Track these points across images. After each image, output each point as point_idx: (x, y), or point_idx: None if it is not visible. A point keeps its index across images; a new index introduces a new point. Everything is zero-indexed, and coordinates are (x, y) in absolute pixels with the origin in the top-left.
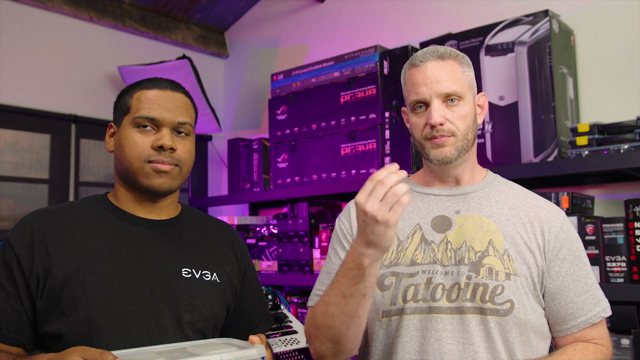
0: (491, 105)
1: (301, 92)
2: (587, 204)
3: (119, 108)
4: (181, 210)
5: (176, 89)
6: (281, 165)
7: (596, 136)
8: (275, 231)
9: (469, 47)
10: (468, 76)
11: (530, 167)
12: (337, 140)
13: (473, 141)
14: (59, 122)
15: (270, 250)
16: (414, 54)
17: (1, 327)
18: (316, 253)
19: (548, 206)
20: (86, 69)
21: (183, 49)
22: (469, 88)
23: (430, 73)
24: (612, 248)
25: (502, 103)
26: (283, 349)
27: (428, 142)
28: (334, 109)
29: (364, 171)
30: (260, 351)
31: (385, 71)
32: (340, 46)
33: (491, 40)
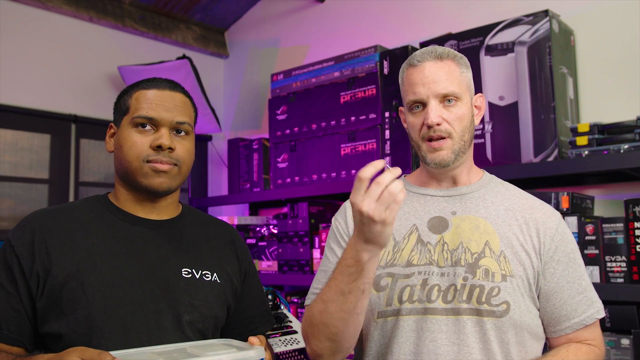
0: (491, 105)
1: (301, 92)
2: (587, 204)
3: (119, 108)
4: (182, 210)
5: (175, 89)
6: (281, 165)
7: (596, 136)
8: (275, 231)
9: (469, 47)
10: (466, 77)
11: (530, 167)
12: (337, 140)
13: (470, 142)
14: (59, 122)
15: (270, 250)
16: (412, 54)
17: (1, 327)
18: (316, 253)
19: (544, 207)
20: (86, 69)
21: (183, 49)
22: (467, 89)
23: (428, 73)
24: (612, 248)
25: (502, 103)
26: (283, 349)
27: (425, 144)
28: (334, 109)
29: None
30: (259, 352)
31: (385, 71)
32: (340, 46)
33: (491, 40)
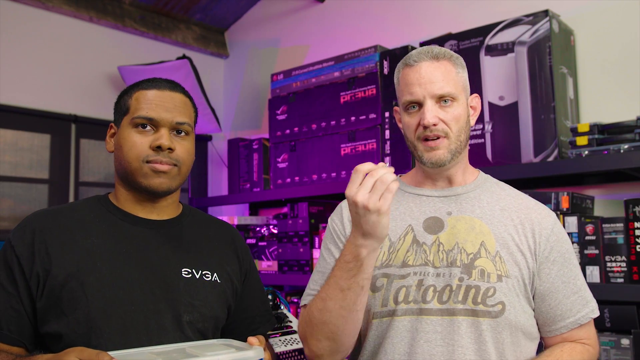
0: (491, 105)
1: (301, 92)
2: (587, 204)
3: (119, 109)
4: (182, 210)
5: (175, 89)
6: (281, 165)
7: (596, 136)
8: (275, 231)
9: (469, 47)
10: (462, 77)
11: (530, 167)
12: (337, 140)
13: (466, 143)
14: (59, 122)
15: (270, 250)
16: (408, 54)
17: (2, 327)
18: (316, 253)
19: (539, 208)
20: (86, 69)
21: (183, 49)
22: (463, 89)
23: (424, 73)
24: (612, 248)
25: (502, 103)
26: (283, 349)
27: (421, 144)
28: (334, 109)
29: None
30: (258, 352)
31: (385, 71)
32: (340, 46)
33: (491, 40)
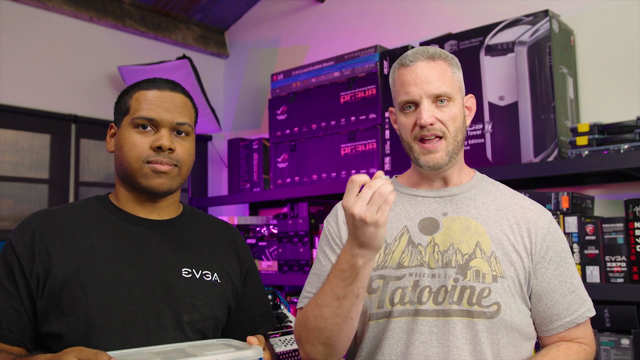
0: (491, 105)
1: (301, 92)
2: (587, 204)
3: (119, 109)
4: (182, 210)
5: (175, 89)
6: (281, 165)
7: (596, 136)
8: (275, 231)
9: (469, 47)
10: (457, 77)
11: (530, 167)
12: (337, 140)
13: (462, 143)
14: (59, 122)
15: (270, 250)
16: (403, 54)
17: (2, 327)
18: (316, 253)
19: (535, 207)
20: (86, 69)
21: (183, 49)
22: (459, 89)
23: (420, 73)
24: (612, 248)
25: (502, 103)
26: (283, 349)
27: (417, 145)
28: (334, 109)
29: (364, 171)
30: (257, 352)
31: (385, 71)
32: (340, 46)
33: (491, 40)
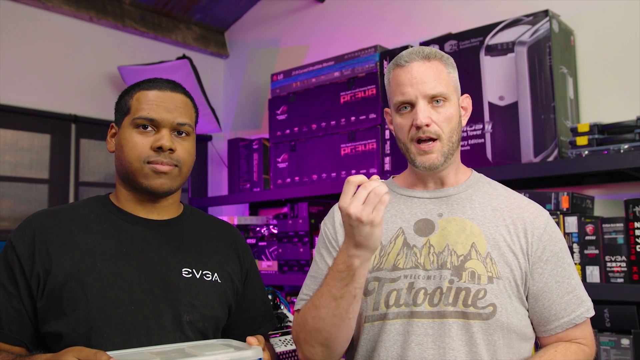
0: (491, 105)
1: (301, 92)
2: (587, 204)
3: (120, 109)
4: (183, 210)
5: (176, 90)
6: (281, 165)
7: (596, 136)
8: (275, 231)
9: (469, 47)
10: (453, 77)
11: (530, 167)
12: (337, 140)
13: (458, 144)
14: (59, 122)
15: (270, 250)
16: (398, 55)
17: (2, 327)
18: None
19: (532, 207)
20: (86, 69)
21: (183, 49)
22: (454, 89)
23: (416, 73)
24: (612, 248)
25: (502, 103)
26: (283, 349)
27: (414, 146)
28: (334, 109)
29: (364, 171)
30: (256, 352)
31: (385, 71)
32: (340, 46)
33: (491, 40)
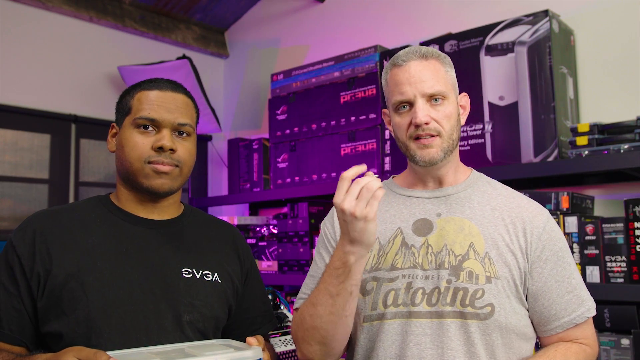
0: (491, 105)
1: (301, 92)
2: (587, 204)
3: (121, 109)
4: (183, 210)
5: (177, 90)
6: (281, 165)
7: (596, 136)
8: (275, 231)
9: (469, 47)
10: (450, 76)
11: (530, 167)
12: (337, 140)
13: (457, 142)
14: (59, 122)
15: (270, 250)
16: (395, 55)
17: (3, 327)
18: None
19: (531, 206)
20: (86, 69)
21: (183, 49)
22: (452, 88)
23: (414, 72)
24: (612, 248)
25: (502, 103)
26: (283, 349)
27: (413, 143)
28: (334, 109)
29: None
30: (256, 352)
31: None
32: (340, 46)
33: (491, 40)
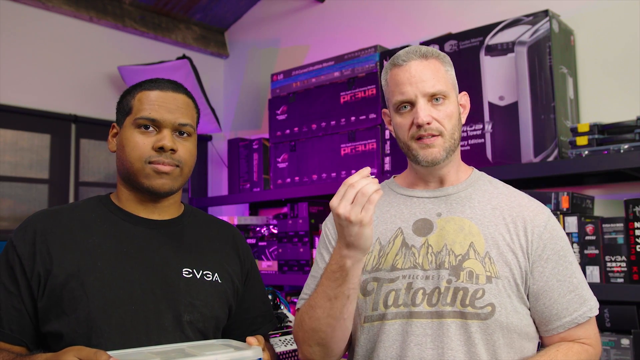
0: (491, 105)
1: (301, 92)
2: (587, 204)
3: (121, 109)
4: (184, 210)
5: (177, 90)
6: (281, 165)
7: (596, 136)
8: (275, 231)
9: (469, 47)
10: (451, 75)
11: (530, 167)
12: (337, 140)
13: (458, 141)
14: (59, 122)
15: (270, 250)
16: (395, 55)
17: (3, 326)
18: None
19: (532, 205)
20: (86, 69)
21: (183, 49)
22: (453, 87)
23: (414, 72)
24: (612, 248)
25: (502, 103)
26: (283, 349)
27: (415, 143)
28: (334, 109)
29: None
30: (256, 352)
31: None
32: (340, 46)
33: (491, 40)
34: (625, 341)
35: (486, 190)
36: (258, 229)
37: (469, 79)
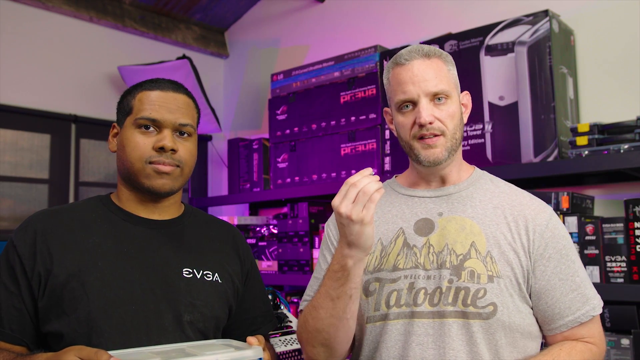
0: (491, 105)
1: (301, 92)
2: (587, 204)
3: (122, 109)
4: (184, 210)
5: (178, 90)
6: (281, 165)
7: (596, 136)
8: (275, 231)
9: (469, 47)
10: (453, 74)
11: (530, 167)
12: (337, 140)
13: (460, 140)
14: (59, 122)
15: (270, 250)
16: (397, 54)
17: (4, 326)
18: (316, 253)
19: (534, 203)
20: (86, 69)
21: (183, 49)
22: (455, 87)
23: (417, 71)
24: (612, 248)
25: (502, 103)
26: (283, 349)
27: (418, 143)
28: (334, 109)
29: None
30: (257, 352)
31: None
32: (340, 46)
33: (491, 40)
34: (625, 341)
35: (488, 189)
36: (258, 229)
37: (469, 79)
